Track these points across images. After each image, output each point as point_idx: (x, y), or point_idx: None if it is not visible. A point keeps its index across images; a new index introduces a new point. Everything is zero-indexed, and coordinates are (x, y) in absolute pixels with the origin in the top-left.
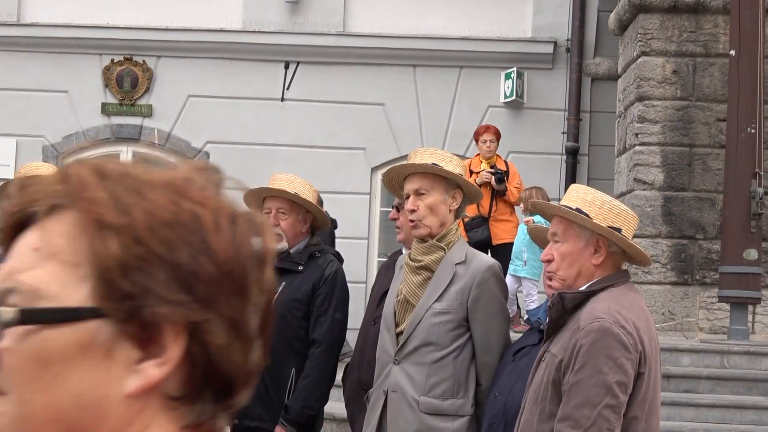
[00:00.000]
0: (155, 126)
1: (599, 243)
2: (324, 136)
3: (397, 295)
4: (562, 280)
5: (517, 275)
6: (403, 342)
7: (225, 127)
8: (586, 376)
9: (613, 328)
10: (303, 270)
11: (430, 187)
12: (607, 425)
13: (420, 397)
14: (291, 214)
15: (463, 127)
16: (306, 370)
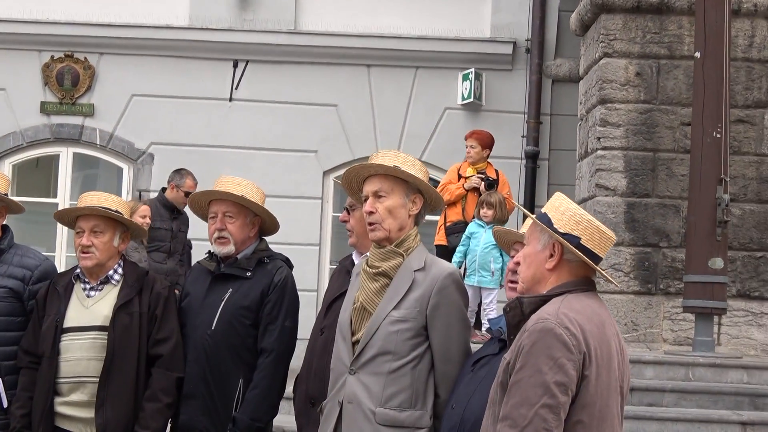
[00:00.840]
0: (97, 126)
1: (554, 248)
2: (274, 137)
3: (354, 302)
4: (522, 282)
5: (481, 287)
6: (360, 351)
7: (170, 127)
8: (525, 375)
9: (556, 328)
10: (251, 276)
11: (390, 190)
12: (544, 425)
13: (377, 408)
14: (238, 217)
15: (419, 130)
16: (255, 380)
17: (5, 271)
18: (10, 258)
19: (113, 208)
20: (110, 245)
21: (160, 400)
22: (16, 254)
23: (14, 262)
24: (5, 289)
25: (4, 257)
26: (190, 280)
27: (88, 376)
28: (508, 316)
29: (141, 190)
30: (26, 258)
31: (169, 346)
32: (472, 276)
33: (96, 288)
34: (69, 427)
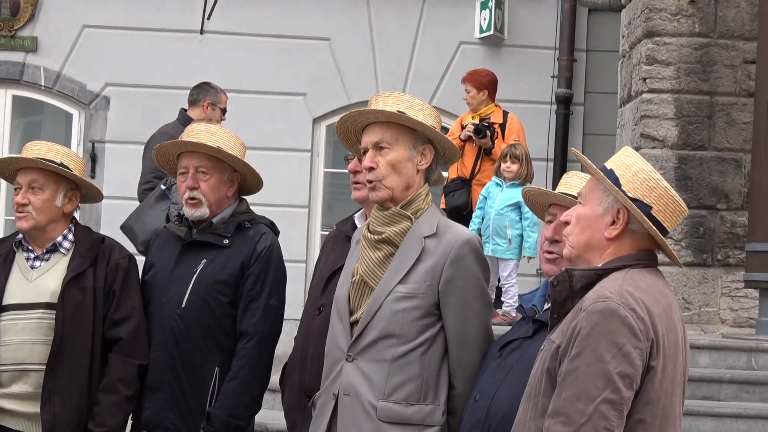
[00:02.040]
0: (41, 64)
1: (619, 214)
2: (254, 78)
3: (352, 275)
4: (570, 247)
5: (497, 257)
6: (359, 333)
7: (130, 65)
8: (583, 364)
9: (621, 309)
10: (229, 244)
11: (394, 141)
12: (605, 423)
13: (378, 401)
14: (213, 173)
15: (428, 69)
16: (233, 369)
17: None
18: None
19: (57, 160)
20: (51, 205)
21: (118, 392)
22: None
23: None
24: None
25: None
26: (155, 248)
27: (33, 363)
28: (555, 291)
29: (94, 141)
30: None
31: (130, 328)
32: (486, 244)
33: (41, 258)
34: (9, 424)
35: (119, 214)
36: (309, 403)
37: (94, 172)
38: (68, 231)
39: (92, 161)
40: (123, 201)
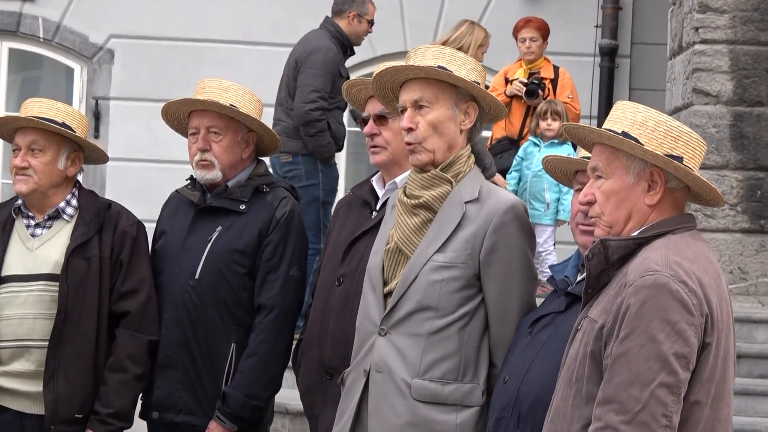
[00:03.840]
0: (39, 14)
1: (654, 176)
2: (272, 29)
3: (386, 242)
4: (608, 227)
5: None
6: (393, 305)
7: (136, 15)
8: (634, 345)
9: (671, 283)
10: (246, 210)
11: (434, 99)
12: (662, 410)
13: (413, 379)
14: (226, 134)
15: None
16: (251, 345)
17: None
18: None
19: (59, 119)
20: (53, 167)
21: (126, 370)
22: None
23: None
24: None
25: None
26: (166, 214)
27: (34, 339)
28: (591, 265)
29: (98, 98)
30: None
31: (139, 301)
32: None
33: (43, 225)
34: (10, 405)
35: (125, 176)
36: (338, 380)
37: (97, 132)
38: (71, 196)
39: (95, 120)
40: (130, 163)
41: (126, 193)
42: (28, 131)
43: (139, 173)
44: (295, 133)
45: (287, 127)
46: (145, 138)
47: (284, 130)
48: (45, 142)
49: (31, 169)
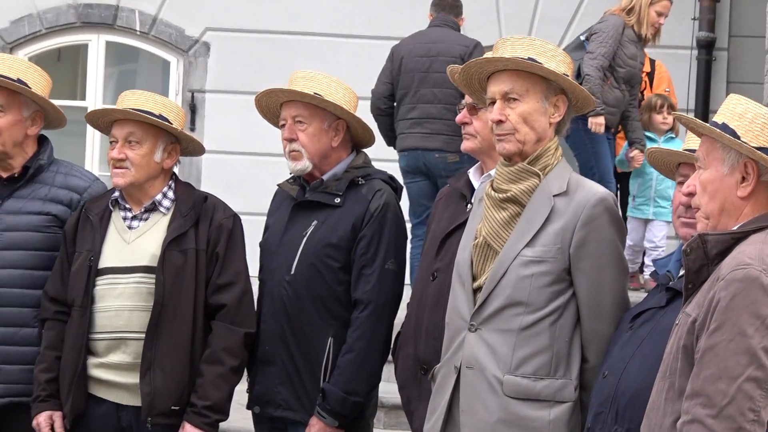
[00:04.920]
0: (136, 7)
1: (747, 168)
2: (367, 22)
3: (474, 237)
4: (705, 218)
5: (657, 220)
6: (483, 301)
7: (231, 8)
8: (723, 339)
9: (763, 277)
10: (341, 203)
11: (525, 91)
12: (750, 404)
13: (504, 375)
14: (311, 122)
15: (556, 11)
16: (348, 341)
17: (47, 194)
18: (52, 177)
19: (156, 111)
20: (149, 160)
21: (222, 362)
22: (59, 173)
23: (57, 183)
24: (48, 216)
25: (43, 176)
26: (271, 209)
27: (131, 331)
28: (689, 260)
29: (194, 90)
30: (72, 177)
31: (235, 294)
32: (645, 207)
33: (140, 218)
34: (107, 396)
35: (221, 169)
36: (429, 376)
37: (193, 125)
38: (168, 188)
39: (191, 112)
40: (225, 155)
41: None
42: (125, 123)
43: (234, 166)
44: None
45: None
46: (241, 131)
47: (450, 128)
48: (142, 134)
49: (128, 161)
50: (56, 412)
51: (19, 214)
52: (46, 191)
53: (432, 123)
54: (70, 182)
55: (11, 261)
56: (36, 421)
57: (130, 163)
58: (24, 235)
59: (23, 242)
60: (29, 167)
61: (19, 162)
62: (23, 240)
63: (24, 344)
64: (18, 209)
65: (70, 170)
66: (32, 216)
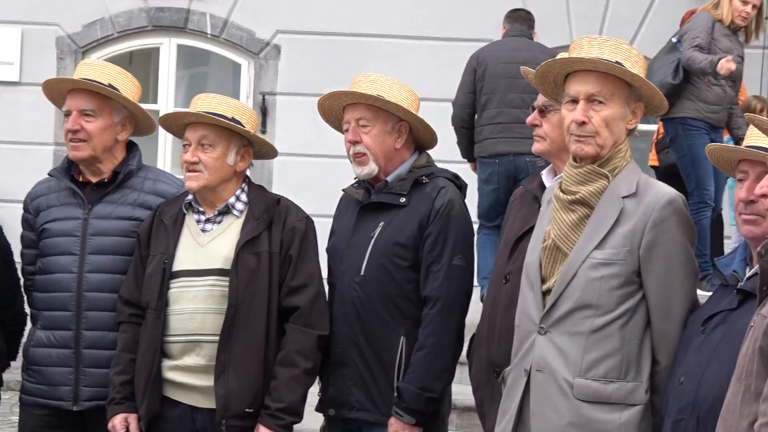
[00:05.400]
0: (207, 10)
1: None
2: (437, 24)
3: (543, 239)
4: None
5: None
6: (552, 304)
7: (301, 11)
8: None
9: None
10: (406, 203)
11: (610, 95)
12: None
13: (575, 378)
14: (375, 124)
15: (627, 11)
16: (420, 338)
17: (135, 199)
18: (140, 183)
19: (228, 115)
20: (222, 163)
21: (296, 365)
22: (147, 178)
23: (146, 188)
24: (137, 221)
25: (132, 182)
26: (336, 214)
27: (205, 333)
28: (764, 261)
29: (265, 93)
30: (160, 183)
31: (308, 296)
32: None
33: (213, 220)
34: (182, 398)
35: (292, 171)
36: (498, 378)
37: (264, 127)
38: (241, 191)
39: (262, 115)
40: (297, 158)
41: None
42: (198, 126)
43: (306, 168)
44: None
45: None
46: (312, 133)
47: None
48: (215, 138)
49: (201, 165)
50: (131, 415)
51: (109, 218)
52: (135, 196)
53: (522, 128)
54: (159, 188)
55: (100, 265)
56: (111, 424)
57: (203, 166)
58: (113, 239)
59: (112, 247)
60: (119, 172)
61: (108, 167)
62: (112, 244)
63: (111, 348)
64: (107, 214)
65: (159, 176)
66: (121, 221)
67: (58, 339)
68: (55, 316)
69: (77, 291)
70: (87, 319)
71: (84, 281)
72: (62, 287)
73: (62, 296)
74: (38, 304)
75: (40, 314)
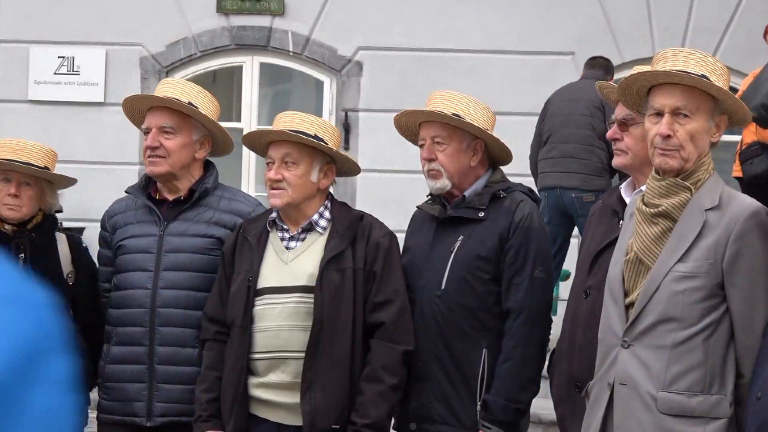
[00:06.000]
0: (289, 28)
1: None
2: (518, 37)
3: (626, 252)
4: None
5: None
6: (635, 317)
7: (383, 27)
8: None
9: None
10: (485, 217)
11: (696, 109)
12: None
13: (658, 392)
14: (450, 142)
15: (709, 22)
16: (504, 351)
17: (211, 217)
18: (216, 202)
19: (311, 132)
20: (306, 180)
21: (382, 380)
22: (223, 197)
23: (221, 207)
24: (212, 239)
25: (208, 200)
26: (410, 230)
27: (291, 350)
28: None
29: (347, 110)
30: (236, 202)
31: (393, 312)
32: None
33: (297, 238)
34: (268, 416)
35: (376, 187)
36: (582, 393)
37: (347, 144)
38: (324, 208)
39: (345, 131)
40: (380, 174)
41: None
42: (281, 144)
43: (389, 184)
44: (599, 171)
45: (590, 164)
46: (395, 149)
47: (587, 167)
48: (298, 155)
49: (285, 182)
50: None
51: (184, 236)
52: (210, 214)
53: (570, 162)
54: (234, 206)
55: (175, 282)
56: None
57: (286, 183)
58: (188, 256)
59: (187, 264)
60: (195, 190)
61: (185, 185)
62: (187, 261)
63: (185, 364)
64: (183, 231)
65: (235, 195)
66: (196, 238)
67: (131, 355)
68: (128, 331)
69: (151, 307)
70: (160, 334)
71: (158, 297)
72: (136, 303)
73: (136, 312)
74: (113, 320)
75: (115, 330)
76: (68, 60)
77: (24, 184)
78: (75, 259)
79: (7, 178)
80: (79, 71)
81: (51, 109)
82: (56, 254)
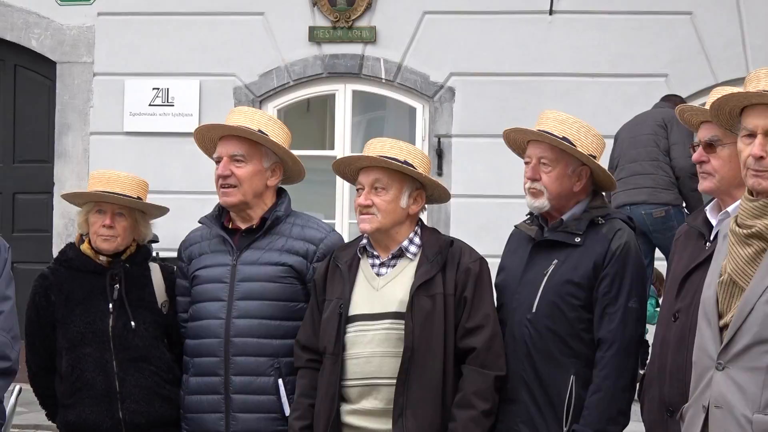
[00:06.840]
0: (381, 55)
1: None
2: (610, 60)
3: (720, 274)
4: None
5: None
6: (729, 339)
7: (474, 53)
8: None
9: None
10: (581, 243)
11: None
12: None
13: (754, 414)
14: (556, 166)
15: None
16: (595, 381)
17: (283, 245)
18: (289, 229)
19: (401, 158)
20: (395, 206)
21: (474, 406)
22: (296, 224)
23: (294, 234)
24: (285, 267)
25: (280, 228)
26: (507, 250)
27: (382, 377)
28: None
29: (440, 135)
30: (308, 229)
31: (484, 337)
32: None
33: (387, 264)
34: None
35: (469, 213)
36: (677, 416)
37: (440, 169)
38: (414, 234)
39: (438, 158)
40: (473, 199)
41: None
42: (370, 170)
43: (482, 210)
44: (667, 185)
45: (657, 178)
46: (488, 174)
47: (654, 181)
48: (388, 181)
49: (375, 207)
50: None
51: (257, 264)
52: (283, 242)
53: (636, 178)
54: (307, 234)
55: (248, 311)
56: None
57: (376, 209)
58: (261, 285)
59: (260, 292)
60: (267, 218)
61: (257, 213)
62: (260, 290)
63: (260, 393)
64: (255, 260)
65: (307, 222)
66: (269, 266)
67: (208, 385)
68: (204, 362)
69: (225, 336)
70: (235, 364)
71: (231, 327)
72: (211, 333)
73: (210, 342)
74: (189, 351)
75: (192, 361)
76: (162, 91)
77: (118, 215)
78: (168, 288)
79: (101, 210)
80: (173, 102)
81: (146, 140)
82: (150, 284)
